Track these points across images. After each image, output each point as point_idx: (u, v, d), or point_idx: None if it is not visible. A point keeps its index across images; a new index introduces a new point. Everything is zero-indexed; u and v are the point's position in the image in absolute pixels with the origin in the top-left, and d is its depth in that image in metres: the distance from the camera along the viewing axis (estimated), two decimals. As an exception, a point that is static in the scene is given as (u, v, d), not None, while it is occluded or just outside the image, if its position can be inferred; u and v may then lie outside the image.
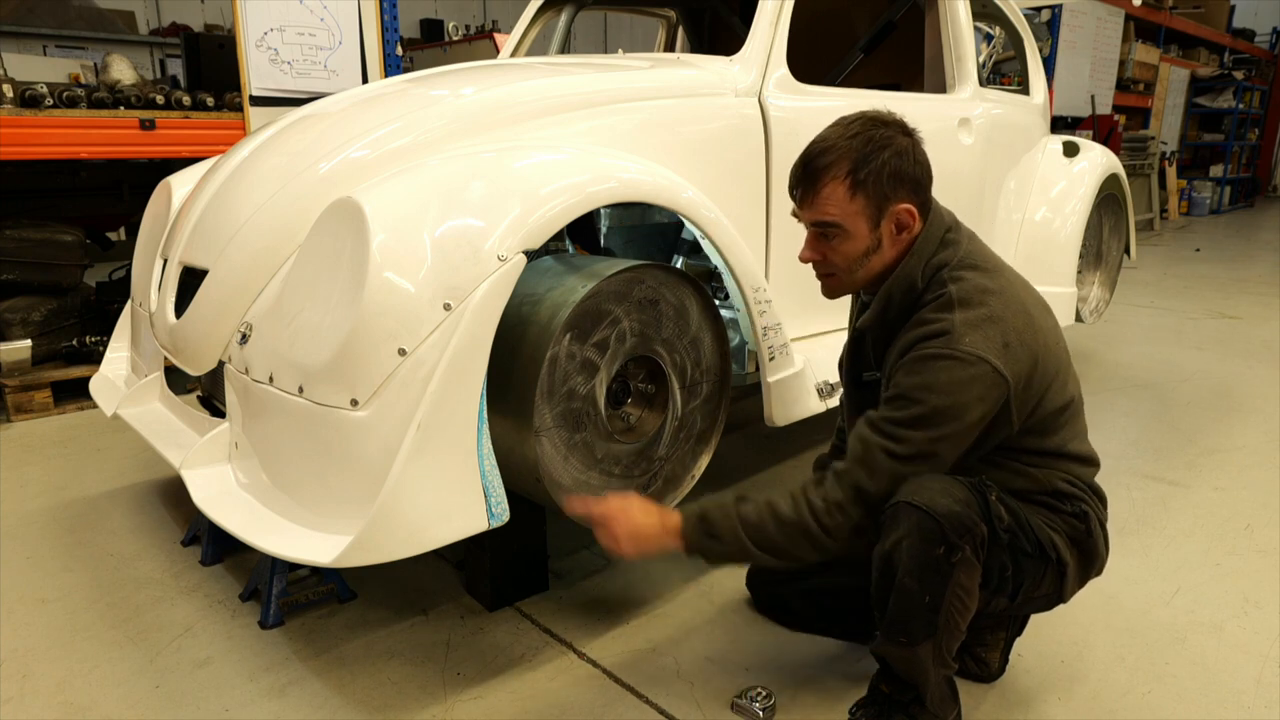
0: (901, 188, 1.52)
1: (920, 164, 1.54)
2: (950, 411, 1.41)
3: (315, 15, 4.00)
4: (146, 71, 8.48)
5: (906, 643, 1.44)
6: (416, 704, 1.71)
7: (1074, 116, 9.06)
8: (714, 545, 1.52)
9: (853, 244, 1.54)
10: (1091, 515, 1.56)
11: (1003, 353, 1.42)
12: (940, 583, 1.39)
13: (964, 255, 1.54)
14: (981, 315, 1.45)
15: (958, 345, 1.42)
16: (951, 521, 1.38)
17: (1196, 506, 2.59)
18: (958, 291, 1.48)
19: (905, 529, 1.39)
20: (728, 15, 3.71)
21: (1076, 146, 3.67)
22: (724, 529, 1.50)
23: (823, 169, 1.51)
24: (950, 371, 1.41)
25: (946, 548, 1.38)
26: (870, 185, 1.50)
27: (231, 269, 1.89)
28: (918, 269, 1.54)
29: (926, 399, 1.41)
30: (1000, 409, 1.44)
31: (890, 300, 1.57)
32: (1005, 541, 1.45)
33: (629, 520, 1.54)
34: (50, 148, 3.36)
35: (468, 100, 2.00)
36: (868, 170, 1.49)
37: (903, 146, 1.51)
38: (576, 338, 1.69)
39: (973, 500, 1.42)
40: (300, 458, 1.68)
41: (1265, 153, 15.15)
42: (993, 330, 1.44)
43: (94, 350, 3.54)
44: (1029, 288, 1.57)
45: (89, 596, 2.09)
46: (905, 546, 1.39)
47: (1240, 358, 4.33)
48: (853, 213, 1.52)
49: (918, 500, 1.39)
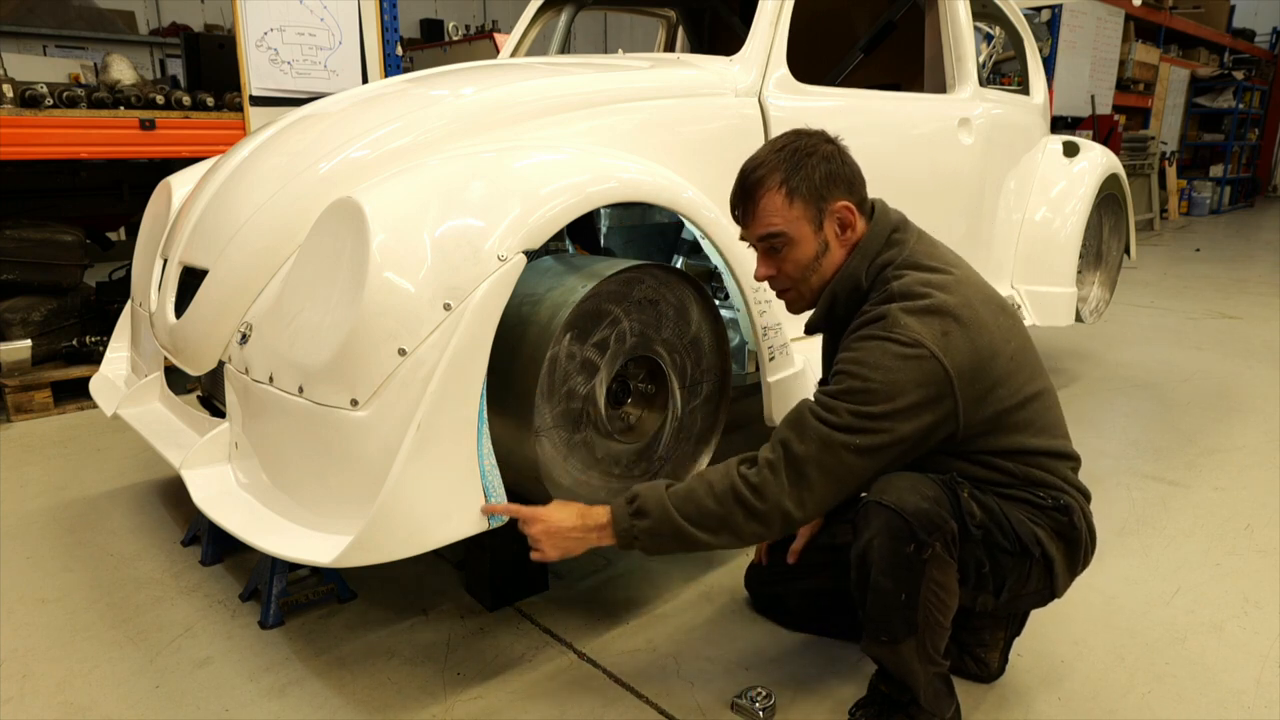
0: (835, 187, 1.56)
1: (849, 165, 1.59)
2: (882, 390, 1.39)
3: (315, 15, 4.00)
4: (146, 71, 8.49)
5: (888, 641, 1.45)
6: (416, 704, 1.71)
7: (1074, 116, 9.06)
8: (641, 524, 1.48)
9: (801, 250, 1.58)
10: (1074, 506, 1.55)
11: (941, 340, 1.42)
12: (913, 580, 1.40)
13: (909, 254, 1.56)
14: (921, 306, 1.46)
15: (894, 328, 1.43)
16: (920, 519, 1.39)
17: (1196, 506, 2.59)
18: (899, 287, 1.50)
19: (875, 528, 1.41)
20: (728, 15, 3.71)
21: (1076, 146, 3.67)
22: (651, 504, 1.48)
23: (757, 183, 1.57)
24: (885, 350, 1.42)
25: (916, 545, 1.39)
26: (805, 189, 1.55)
27: (231, 269, 1.89)
28: (862, 268, 1.57)
29: (859, 373, 1.42)
30: (943, 403, 1.42)
31: (835, 299, 1.60)
32: (979, 538, 1.45)
33: (546, 520, 1.54)
34: (50, 148, 3.36)
35: (468, 100, 2.00)
36: (800, 176, 1.54)
37: (828, 152, 1.57)
38: (576, 338, 1.69)
39: (942, 497, 1.43)
40: (300, 458, 1.68)
41: (1265, 153, 15.15)
42: (932, 320, 1.44)
43: (94, 350, 3.54)
44: (983, 286, 1.57)
45: (89, 596, 2.09)
46: (876, 545, 1.41)
47: (1240, 358, 4.33)
48: (793, 219, 1.56)
49: (886, 499, 1.40)
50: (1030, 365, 1.57)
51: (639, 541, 1.51)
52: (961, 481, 1.47)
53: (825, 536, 1.89)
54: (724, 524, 1.45)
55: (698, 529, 1.46)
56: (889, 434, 1.41)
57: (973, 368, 1.44)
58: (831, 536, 1.87)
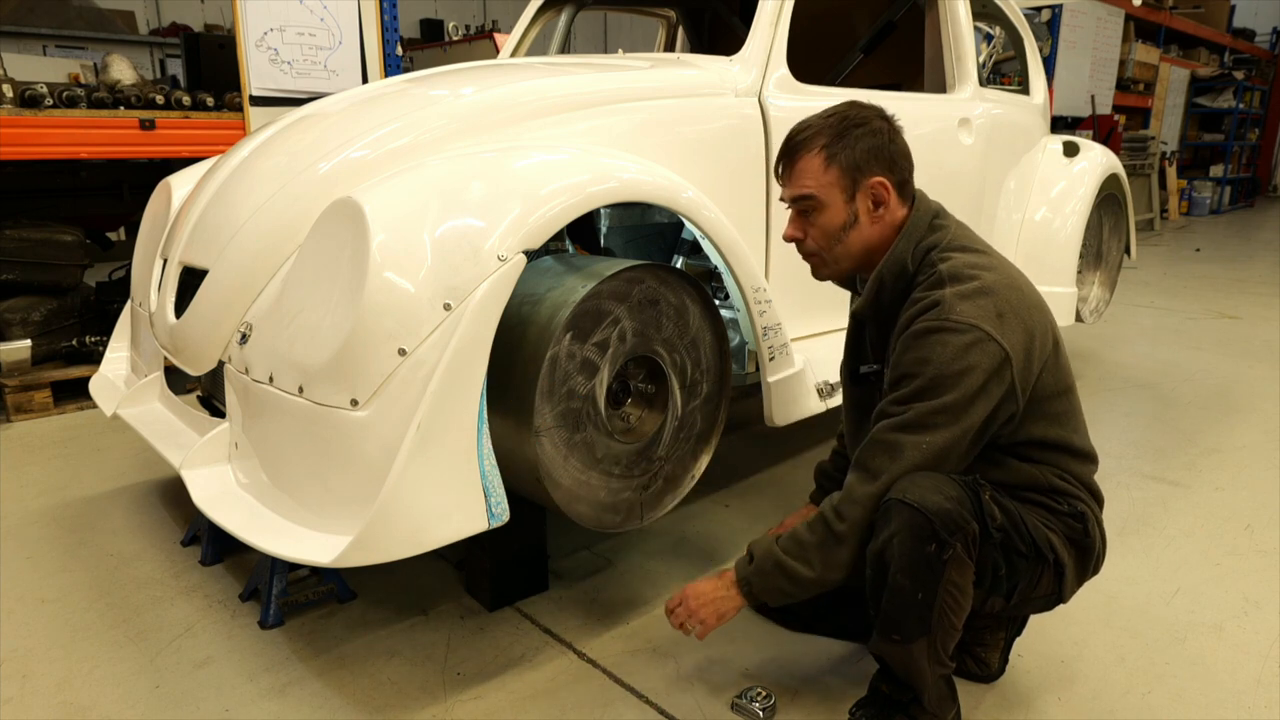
0: (875, 162, 1.56)
1: (896, 144, 1.59)
2: (950, 381, 1.41)
3: (315, 15, 4.00)
4: (146, 71, 8.49)
5: (900, 640, 1.45)
6: (416, 704, 1.71)
7: (1074, 116, 9.07)
8: (749, 567, 1.54)
9: (828, 216, 1.59)
10: (1089, 515, 1.55)
11: (997, 322, 1.43)
12: (932, 580, 1.40)
13: (953, 238, 1.57)
14: (973, 288, 1.46)
15: (949, 315, 1.43)
16: (943, 519, 1.38)
17: (1196, 506, 2.59)
18: (948, 269, 1.50)
19: (896, 526, 1.40)
20: (728, 15, 3.71)
21: (1076, 146, 3.67)
22: (759, 547, 1.55)
23: (800, 144, 1.60)
24: (944, 341, 1.42)
25: (938, 545, 1.38)
26: (843, 158, 1.56)
27: (231, 269, 1.89)
28: (908, 251, 1.57)
29: (924, 370, 1.43)
30: (1005, 380, 1.43)
31: (883, 283, 1.59)
32: (998, 540, 1.45)
33: (696, 593, 1.61)
34: (50, 148, 3.36)
35: (467, 100, 2.00)
36: (841, 144, 1.56)
37: (878, 127, 1.58)
38: (576, 338, 1.69)
39: (965, 498, 1.42)
40: (300, 458, 1.68)
41: (1265, 153, 15.15)
42: (985, 301, 1.45)
43: (94, 350, 3.54)
44: (1019, 272, 1.58)
45: (89, 596, 2.09)
46: (896, 543, 1.40)
47: (1240, 358, 4.33)
48: (826, 184, 1.57)
49: (909, 498, 1.40)
50: (1064, 356, 1.59)
51: (752, 584, 1.55)
52: (983, 484, 1.47)
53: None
54: (819, 556, 1.48)
55: (797, 560, 1.49)
56: (963, 421, 1.42)
57: (1025, 347, 1.46)
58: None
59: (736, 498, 2.67)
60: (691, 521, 2.49)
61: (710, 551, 2.32)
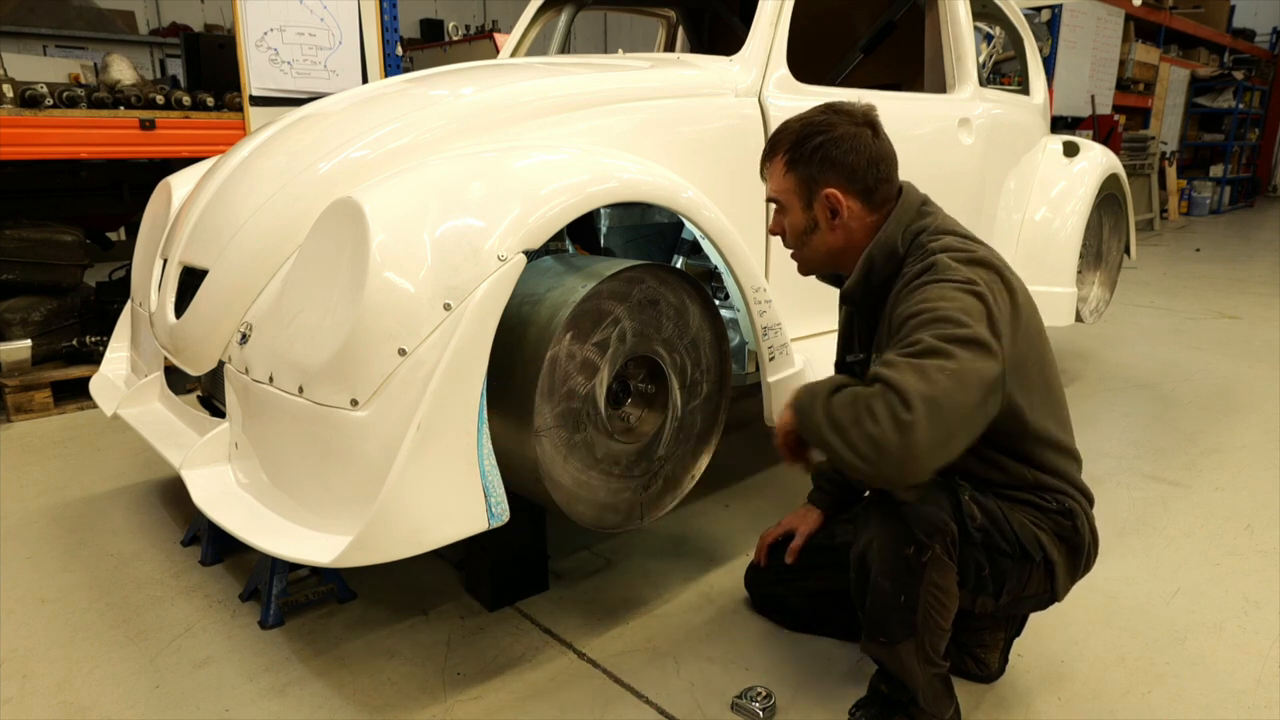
0: (829, 172, 1.56)
1: (858, 154, 1.56)
2: (954, 316, 1.32)
3: (315, 15, 4.00)
4: (146, 71, 8.49)
5: (887, 642, 1.45)
6: (416, 704, 1.71)
7: (1074, 116, 9.06)
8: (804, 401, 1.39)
9: (791, 220, 1.64)
10: (1078, 511, 1.55)
11: (989, 289, 1.41)
12: (913, 582, 1.40)
13: (942, 222, 1.59)
14: (967, 257, 1.46)
15: (947, 271, 1.43)
16: (920, 521, 1.38)
17: (1196, 506, 2.59)
18: (939, 246, 1.51)
19: (875, 529, 1.41)
20: (728, 15, 3.71)
21: (1076, 146, 3.67)
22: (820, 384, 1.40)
23: (772, 146, 1.63)
24: (944, 288, 1.39)
25: (916, 547, 1.39)
26: (800, 166, 1.58)
27: (231, 269, 1.89)
28: (897, 234, 1.57)
29: (927, 309, 1.36)
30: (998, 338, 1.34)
31: (872, 264, 1.59)
32: (979, 540, 1.45)
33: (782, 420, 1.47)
34: (50, 148, 3.36)
35: (467, 100, 2.00)
36: (801, 151, 1.58)
37: (844, 134, 1.56)
38: (576, 338, 1.69)
39: (943, 500, 1.43)
40: (300, 458, 1.68)
41: (1265, 153, 15.15)
42: (979, 269, 1.44)
43: (94, 350, 3.54)
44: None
45: (89, 596, 2.09)
46: (876, 547, 1.41)
47: (1240, 358, 4.33)
48: (786, 189, 1.61)
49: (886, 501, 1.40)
50: (1049, 348, 1.58)
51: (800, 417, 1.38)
52: (962, 484, 1.47)
53: (824, 536, 1.89)
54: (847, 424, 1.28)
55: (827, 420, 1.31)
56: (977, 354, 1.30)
57: (1010, 322, 1.42)
58: (831, 536, 1.88)
59: (736, 498, 2.67)
60: (691, 521, 2.49)
61: (710, 551, 2.32)
